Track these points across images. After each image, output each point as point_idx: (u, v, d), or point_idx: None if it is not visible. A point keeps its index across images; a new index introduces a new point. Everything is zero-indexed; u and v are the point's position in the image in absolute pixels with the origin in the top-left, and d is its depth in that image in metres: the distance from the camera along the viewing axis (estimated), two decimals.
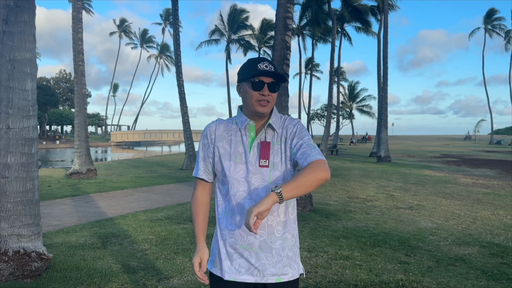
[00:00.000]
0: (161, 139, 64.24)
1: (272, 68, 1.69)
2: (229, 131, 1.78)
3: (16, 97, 3.96)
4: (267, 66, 1.68)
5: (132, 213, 7.19)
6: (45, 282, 3.73)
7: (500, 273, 4.12)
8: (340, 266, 4.28)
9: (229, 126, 1.79)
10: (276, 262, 1.68)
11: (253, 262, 1.67)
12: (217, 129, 1.79)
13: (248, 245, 1.68)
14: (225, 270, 1.71)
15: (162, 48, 69.62)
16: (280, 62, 8.13)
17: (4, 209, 3.88)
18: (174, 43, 17.26)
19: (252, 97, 1.68)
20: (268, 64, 1.69)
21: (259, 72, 1.66)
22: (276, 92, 1.72)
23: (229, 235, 1.72)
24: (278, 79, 1.70)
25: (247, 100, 1.71)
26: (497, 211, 7.61)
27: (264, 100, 1.68)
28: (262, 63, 1.68)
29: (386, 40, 22.98)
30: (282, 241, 1.70)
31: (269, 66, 1.69)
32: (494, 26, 51.60)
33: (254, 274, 1.67)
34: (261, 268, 1.67)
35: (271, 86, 1.69)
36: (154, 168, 17.53)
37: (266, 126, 1.74)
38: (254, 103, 1.68)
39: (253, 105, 1.69)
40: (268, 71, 1.67)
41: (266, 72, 1.67)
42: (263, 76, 1.67)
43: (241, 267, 1.68)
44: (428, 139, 73.74)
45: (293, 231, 1.75)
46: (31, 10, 4.09)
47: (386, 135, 22.47)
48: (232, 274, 1.70)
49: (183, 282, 3.81)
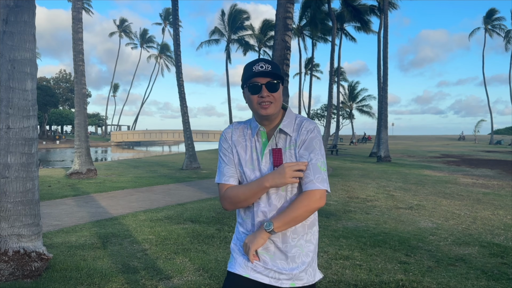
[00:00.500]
0: (161, 139, 64.26)
1: (269, 67, 1.63)
2: (244, 136, 1.75)
3: (16, 97, 3.96)
4: (262, 66, 1.62)
5: (132, 213, 7.19)
6: (45, 282, 3.72)
7: (500, 273, 4.12)
8: (340, 266, 4.28)
9: (245, 131, 1.76)
10: (291, 267, 1.67)
11: (269, 265, 1.67)
12: (233, 134, 1.76)
13: (264, 249, 1.68)
14: (241, 265, 1.70)
15: (162, 48, 69.64)
16: (280, 62, 8.13)
17: (4, 209, 3.88)
18: (174, 43, 17.26)
19: (253, 101, 1.64)
20: (264, 64, 1.63)
21: (254, 74, 1.61)
22: (277, 91, 1.65)
23: None
24: (277, 77, 1.64)
25: (251, 106, 1.67)
26: (497, 211, 7.61)
27: (265, 102, 1.62)
28: (258, 64, 1.63)
29: (386, 40, 22.99)
30: (298, 248, 1.68)
31: (265, 65, 1.63)
32: (494, 26, 51.60)
33: (269, 276, 1.67)
34: (276, 271, 1.67)
35: (270, 86, 1.62)
36: (154, 168, 17.53)
37: (278, 131, 1.68)
38: (256, 107, 1.64)
39: (256, 109, 1.65)
40: (264, 71, 1.61)
41: (261, 72, 1.61)
42: (259, 77, 1.62)
43: (257, 267, 1.68)
44: (428, 139, 73.75)
45: (309, 236, 1.71)
46: (31, 10, 4.09)
47: (386, 135, 22.48)
48: (247, 270, 1.68)
49: (183, 282, 3.81)
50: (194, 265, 4.29)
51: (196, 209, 7.43)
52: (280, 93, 1.67)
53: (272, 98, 1.63)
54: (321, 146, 1.66)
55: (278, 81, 1.65)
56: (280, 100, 1.67)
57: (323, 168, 1.63)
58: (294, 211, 1.58)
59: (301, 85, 49.65)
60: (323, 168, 1.63)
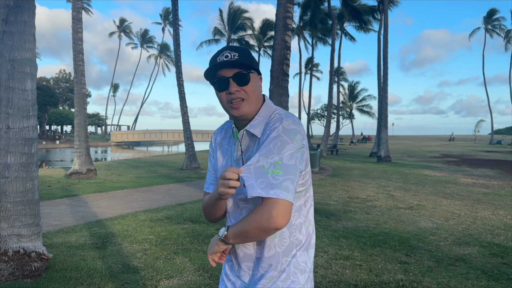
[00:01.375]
0: (161, 139, 64.27)
1: (235, 55, 1.31)
2: (227, 138, 1.49)
3: (16, 97, 3.96)
4: (227, 55, 1.31)
5: (132, 213, 7.19)
6: (45, 282, 3.72)
7: (500, 273, 4.12)
8: (340, 266, 4.28)
9: (228, 132, 1.50)
10: None
11: None
12: (217, 136, 1.53)
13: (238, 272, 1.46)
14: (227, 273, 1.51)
15: (162, 48, 69.67)
16: (280, 62, 8.13)
17: (4, 209, 3.88)
18: (174, 43, 17.26)
19: (222, 100, 1.35)
20: (229, 52, 1.31)
21: (218, 66, 1.30)
22: (248, 84, 1.32)
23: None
24: (246, 67, 1.31)
25: (222, 106, 1.38)
26: (497, 211, 7.60)
27: (235, 100, 1.32)
28: (222, 53, 1.32)
29: (386, 39, 22.99)
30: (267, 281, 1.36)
31: (231, 54, 1.31)
32: (494, 26, 51.61)
33: None
34: None
35: (238, 78, 1.31)
36: (154, 168, 17.53)
37: (243, 133, 1.38)
38: (227, 107, 1.35)
39: (227, 109, 1.36)
40: (229, 62, 1.29)
41: (226, 63, 1.29)
42: (224, 69, 1.31)
43: None
44: (428, 139, 73.75)
45: (289, 270, 1.34)
46: (31, 10, 4.09)
47: (386, 135, 22.48)
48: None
49: (183, 282, 3.81)
50: (194, 265, 4.29)
51: (196, 209, 7.42)
52: (254, 85, 1.34)
53: (243, 94, 1.32)
54: (284, 147, 1.24)
55: (248, 71, 1.32)
56: (255, 94, 1.34)
57: (273, 170, 1.20)
58: (244, 224, 1.26)
59: (301, 85, 49.73)
60: (272, 170, 1.21)
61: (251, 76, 1.34)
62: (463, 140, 66.33)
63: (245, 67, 1.32)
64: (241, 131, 1.38)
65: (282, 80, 8.40)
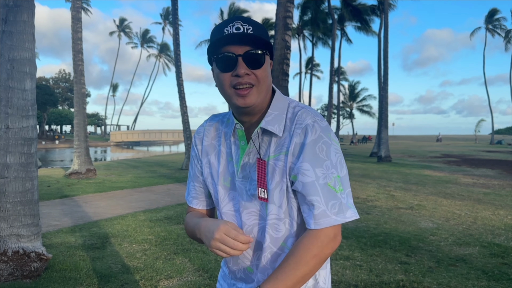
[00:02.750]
0: (160, 139, 64.27)
1: (249, 28, 1.01)
2: (219, 137, 1.19)
3: (15, 96, 3.95)
4: (239, 27, 1.00)
5: (131, 213, 7.18)
6: (45, 283, 3.71)
7: (501, 274, 4.11)
8: (340, 267, 4.27)
9: (220, 130, 1.20)
10: None
11: None
12: (205, 136, 1.22)
13: None
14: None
15: (162, 48, 69.68)
16: (280, 61, 8.12)
17: (3, 209, 3.87)
18: (174, 43, 17.25)
19: (224, 83, 1.04)
20: (242, 24, 1.01)
21: (225, 39, 1.00)
22: (261, 67, 1.03)
23: None
24: (261, 45, 1.02)
25: (222, 91, 1.08)
26: (497, 211, 7.59)
27: (242, 85, 1.02)
28: (231, 24, 1.01)
29: (386, 39, 22.97)
30: None
31: (243, 26, 1.01)
32: (495, 26, 51.59)
33: None
34: None
35: (250, 58, 1.01)
36: (154, 168, 17.51)
37: (258, 132, 1.09)
38: (229, 93, 1.05)
39: (230, 96, 1.05)
40: (241, 34, 0.99)
41: (236, 36, 0.99)
42: (232, 45, 1.01)
43: None
44: (428, 139, 73.76)
45: None
46: (30, 10, 4.08)
47: (387, 135, 22.47)
48: None
49: (183, 282, 3.80)
50: (193, 265, 4.27)
51: None
52: (267, 70, 1.06)
53: (253, 79, 1.03)
54: (330, 150, 1.03)
55: (263, 51, 1.03)
56: (267, 82, 1.06)
57: (339, 188, 1.03)
58: (297, 270, 0.97)
59: (301, 85, 49.70)
60: (339, 187, 1.02)
61: (266, 58, 1.06)
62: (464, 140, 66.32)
63: (260, 45, 1.02)
64: (255, 129, 1.09)
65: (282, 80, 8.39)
